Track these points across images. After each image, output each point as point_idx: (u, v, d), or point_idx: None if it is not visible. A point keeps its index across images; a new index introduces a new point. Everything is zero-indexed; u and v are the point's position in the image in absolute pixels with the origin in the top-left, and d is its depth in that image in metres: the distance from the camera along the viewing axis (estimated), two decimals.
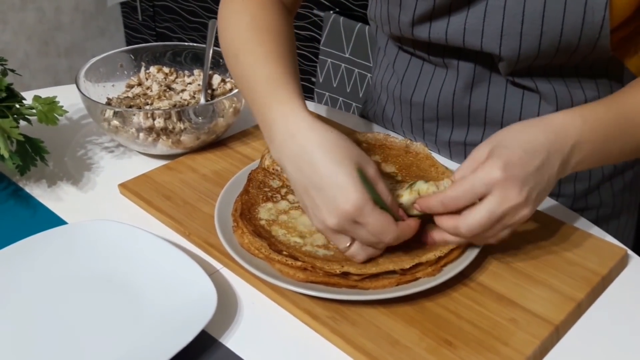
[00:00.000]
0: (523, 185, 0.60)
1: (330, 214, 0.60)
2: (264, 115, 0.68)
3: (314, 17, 2.05)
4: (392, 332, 0.61)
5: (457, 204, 0.61)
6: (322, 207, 0.61)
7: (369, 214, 0.60)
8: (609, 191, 0.91)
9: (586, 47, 0.73)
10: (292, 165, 0.63)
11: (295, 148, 0.63)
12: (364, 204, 0.59)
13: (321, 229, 0.63)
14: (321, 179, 0.61)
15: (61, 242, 0.70)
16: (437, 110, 0.88)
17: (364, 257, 0.64)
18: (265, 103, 0.68)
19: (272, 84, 0.68)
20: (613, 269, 0.68)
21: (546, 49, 0.74)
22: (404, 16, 0.80)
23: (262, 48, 0.72)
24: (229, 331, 0.63)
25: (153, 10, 2.68)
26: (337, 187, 0.60)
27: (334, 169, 0.60)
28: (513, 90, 0.82)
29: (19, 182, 0.85)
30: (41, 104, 0.81)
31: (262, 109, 0.68)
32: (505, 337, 0.60)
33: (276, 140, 0.65)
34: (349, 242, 0.63)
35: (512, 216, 0.61)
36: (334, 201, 0.60)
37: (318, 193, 0.61)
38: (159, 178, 0.83)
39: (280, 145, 0.65)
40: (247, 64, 0.72)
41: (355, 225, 0.61)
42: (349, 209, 0.59)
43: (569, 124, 0.64)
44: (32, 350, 0.59)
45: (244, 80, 0.73)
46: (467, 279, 0.66)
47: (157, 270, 0.67)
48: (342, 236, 0.63)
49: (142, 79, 0.97)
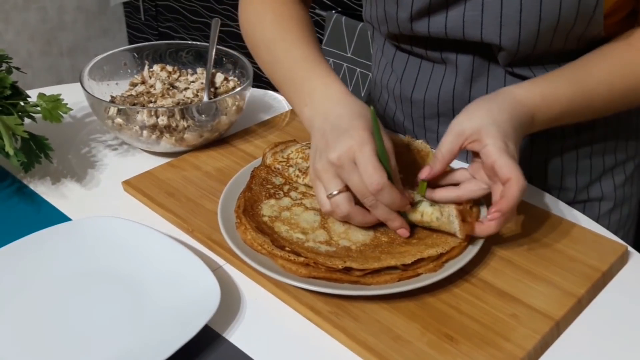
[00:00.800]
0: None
1: (334, 148, 0.64)
2: (302, 87, 0.74)
3: (316, 16, 2.06)
4: (393, 327, 0.61)
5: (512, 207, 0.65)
6: (331, 144, 0.65)
7: (368, 152, 0.63)
8: (611, 184, 0.91)
9: (581, 25, 0.75)
10: (321, 117, 0.70)
11: (329, 106, 0.70)
12: (367, 142, 0.64)
13: (319, 169, 0.66)
14: (340, 120, 0.67)
15: (65, 239, 0.71)
16: (438, 107, 0.88)
17: (345, 210, 0.65)
18: (305, 76, 0.75)
19: (309, 62, 0.76)
20: (613, 265, 0.69)
21: (544, 33, 0.75)
22: (401, 13, 0.80)
23: (292, 35, 0.79)
24: (232, 326, 0.63)
25: (155, 10, 2.68)
26: (352, 126, 0.65)
27: (355, 116, 0.67)
28: (512, 83, 0.82)
29: (23, 179, 0.85)
30: (46, 102, 0.81)
31: (301, 82, 0.75)
32: (506, 332, 0.61)
33: (315, 102, 0.72)
34: (339, 187, 0.65)
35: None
36: (344, 135, 0.65)
37: (333, 132, 0.66)
38: (162, 175, 0.83)
39: (317, 105, 0.71)
40: (280, 49, 0.79)
41: (351, 166, 0.64)
42: (354, 142, 0.64)
43: (530, 98, 0.70)
44: (37, 346, 0.60)
45: (277, 64, 0.79)
46: (469, 275, 0.67)
47: (161, 267, 0.68)
48: (334, 180, 0.65)
49: (145, 77, 0.97)
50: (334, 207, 0.66)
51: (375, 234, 0.70)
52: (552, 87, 0.72)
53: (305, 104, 0.73)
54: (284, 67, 0.78)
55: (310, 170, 0.69)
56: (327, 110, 0.70)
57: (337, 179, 0.65)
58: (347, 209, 0.65)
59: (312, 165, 0.68)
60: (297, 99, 0.75)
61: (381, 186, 0.63)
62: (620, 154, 0.91)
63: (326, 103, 0.71)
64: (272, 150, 0.80)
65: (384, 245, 0.68)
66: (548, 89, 0.72)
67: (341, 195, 0.65)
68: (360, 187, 0.64)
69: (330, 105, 0.70)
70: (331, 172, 0.65)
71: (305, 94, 0.74)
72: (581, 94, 0.73)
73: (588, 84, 0.73)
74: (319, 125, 0.69)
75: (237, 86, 0.96)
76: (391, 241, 0.69)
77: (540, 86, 0.72)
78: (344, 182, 0.65)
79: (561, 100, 0.72)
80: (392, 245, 0.68)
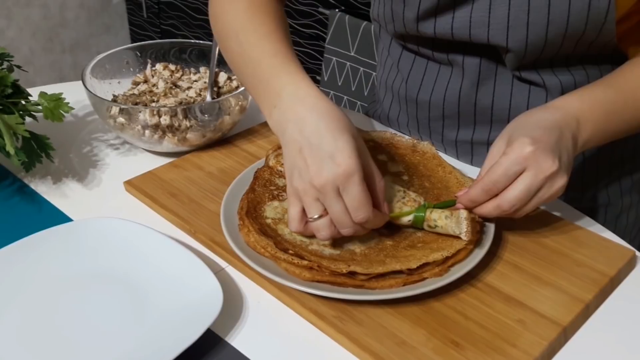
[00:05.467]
0: (554, 155, 0.64)
1: (318, 173, 0.60)
2: (269, 84, 0.68)
3: (319, 15, 2.04)
4: (398, 332, 0.60)
5: (498, 187, 0.64)
6: (312, 166, 0.61)
7: (356, 183, 0.60)
8: (617, 190, 0.90)
9: (592, 32, 0.73)
10: (294, 126, 0.63)
11: (301, 111, 0.64)
12: (355, 172, 0.60)
13: (300, 189, 0.62)
14: (321, 140, 0.61)
15: (66, 239, 0.70)
16: (443, 109, 0.87)
17: (327, 235, 0.63)
18: (273, 73, 0.68)
19: (279, 58, 0.69)
20: (621, 270, 0.68)
21: (553, 38, 0.74)
22: (408, 12, 0.79)
23: (265, 27, 0.73)
24: (234, 330, 0.62)
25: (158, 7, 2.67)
26: (336, 149, 0.60)
27: (336, 135, 0.61)
28: (519, 87, 0.82)
29: (24, 178, 0.84)
30: (47, 101, 0.81)
31: (268, 79, 0.69)
32: (513, 338, 0.60)
33: (282, 104, 0.66)
34: (319, 212, 0.62)
35: (549, 187, 0.64)
36: (328, 161, 0.60)
37: (313, 152, 0.61)
38: (164, 175, 0.83)
39: (286, 109, 0.65)
40: (250, 42, 0.73)
41: (335, 195, 0.61)
42: (340, 171, 0.60)
43: (569, 104, 0.69)
44: (37, 347, 0.59)
45: (244, 56, 0.73)
46: (475, 280, 0.66)
47: (162, 268, 0.67)
48: (316, 203, 0.62)
49: (148, 76, 0.97)
50: (314, 230, 0.64)
51: (380, 237, 0.69)
52: (587, 91, 0.71)
53: (274, 105, 0.67)
54: (251, 61, 0.72)
55: (288, 184, 0.64)
56: (300, 118, 0.63)
57: (317, 202, 0.62)
58: (328, 233, 0.63)
59: (290, 181, 0.63)
60: (265, 98, 0.69)
61: (367, 219, 0.62)
62: (627, 160, 0.90)
63: (297, 107, 0.64)
64: (275, 152, 0.79)
65: (389, 248, 0.67)
66: (585, 93, 0.71)
67: (322, 221, 0.62)
68: (341, 218, 0.62)
69: (302, 111, 0.64)
70: (311, 196, 0.62)
71: (274, 93, 0.67)
72: (623, 98, 0.71)
73: (628, 87, 0.72)
74: (293, 137, 0.63)
75: (240, 86, 0.95)
76: (396, 244, 0.68)
77: (575, 93, 0.71)
78: (324, 206, 0.62)
79: (603, 102, 0.70)
80: (396, 248, 0.67)
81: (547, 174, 0.63)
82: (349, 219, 0.61)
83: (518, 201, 0.64)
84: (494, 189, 0.65)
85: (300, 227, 0.64)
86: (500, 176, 0.64)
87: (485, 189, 0.65)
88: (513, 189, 0.64)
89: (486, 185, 0.65)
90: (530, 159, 0.63)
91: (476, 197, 0.66)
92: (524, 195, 0.64)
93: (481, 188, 0.65)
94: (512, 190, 0.64)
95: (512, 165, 0.64)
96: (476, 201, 0.66)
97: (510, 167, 0.64)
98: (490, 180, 0.65)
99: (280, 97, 0.66)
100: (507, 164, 0.64)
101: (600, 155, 0.87)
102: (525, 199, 0.64)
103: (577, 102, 0.69)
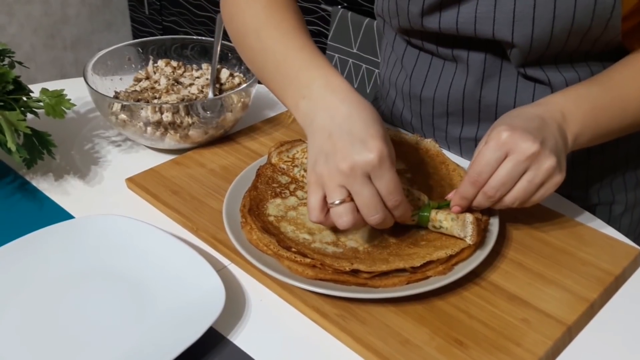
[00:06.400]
0: (533, 137, 0.63)
1: (348, 157, 0.59)
2: (298, 77, 0.67)
3: (322, 11, 2.04)
4: (402, 331, 0.60)
5: (483, 177, 0.65)
6: (341, 150, 0.60)
7: (390, 168, 0.60)
8: (622, 187, 0.90)
9: (598, 28, 0.73)
10: (325, 114, 0.63)
11: (333, 101, 0.63)
12: (388, 157, 0.60)
13: (324, 174, 0.61)
14: (353, 125, 0.61)
15: (68, 237, 0.70)
16: (448, 106, 0.87)
17: (349, 221, 0.61)
18: (302, 66, 0.68)
19: (307, 52, 0.69)
20: (626, 268, 0.67)
21: (559, 33, 0.73)
22: (413, 7, 0.79)
23: (286, 23, 0.73)
24: (236, 328, 0.62)
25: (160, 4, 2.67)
26: (369, 135, 0.60)
27: (369, 122, 0.61)
28: (524, 84, 0.81)
29: (25, 175, 0.84)
30: (49, 97, 0.80)
31: (296, 71, 0.68)
32: (517, 337, 0.59)
33: (313, 94, 0.65)
34: (343, 196, 0.61)
35: (536, 169, 0.63)
36: (359, 145, 0.59)
37: (343, 137, 0.60)
38: (166, 173, 0.82)
39: (317, 99, 0.65)
40: (273, 37, 0.72)
41: (364, 180, 0.60)
42: (372, 157, 0.59)
43: (552, 99, 0.70)
44: (39, 345, 0.59)
45: (266, 52, 0.72)
46: (479, 278, 0.66)
47: (165, 266, 0.67)
48: (340, 189, 0.61)
49: (150, 72, 0.96)
50: (335, 216, 0.61)
51: (383, 234, 0.68)
52: (571, 88, 0.71)
53: (303, 96, 0.66)
54: (276, 57, 0.71)
55: (309, 172, 0.63)
56: (332, 107, 0.63)
57: (341, 188, 0.60)
58: (351, 219, 0.61)
59: (314, 168, 0.62)
60: (292, 91, 0.68)
61: (399, 203, 0.62)
62: (632, 158, 0.89)
63: (328, 97, 0.64)
64: (278, 150, 0.79)
65: (392, 246, 0.67)
66: (568, 90, 0.71)
67: (345, 206, 0.61)
68: (369, 202, 0.60)
69: (334, 101, 0.63)
70: (336, 180, 0.60)
71: (302, 86, 0.66)
72: (609, 94, 0.71)
73: (613, 84, 0.72)
74: (323, 124, 0.62)
75: (242, 82, 0.94)
76: (399, 242, 0.68)
77: (559, 91, 0.71)
78: (349, 192, 0.61)
79: (587, 97, 0.70)
80: (400, 246, 0.67)
81: (528, 154, 0.62)
82: (379, 203, 0.61)
83: (501, 185, 0.64)
84: (480, 180, 0.65)
85: (322, 216, 0.62)
86: (483, 166, 0.64)
87: (471, 181, 0.65)
88: (495, 174, 0.64)
89: (471, 177, 0.65)
90: (509, 143, 0.63)
91: (465, 193, 0.66)
92: (507, 178, 0.63)
93: (467, 182, 0.65)
94: (494, 176, 0.64)
95: (491, 153, 0.64)
96: (467, 197, 0.66)
97: (490, 155, 0.64)
98: (475, 172, 0.65)
99: (310, 89, 0.65)
100: (487, 152, 0.64)
101: (604, 153, 0.87)
102: (509, 182, 0.64)
103: (561, 98, 0.69)
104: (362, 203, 0.61)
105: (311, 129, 0.64)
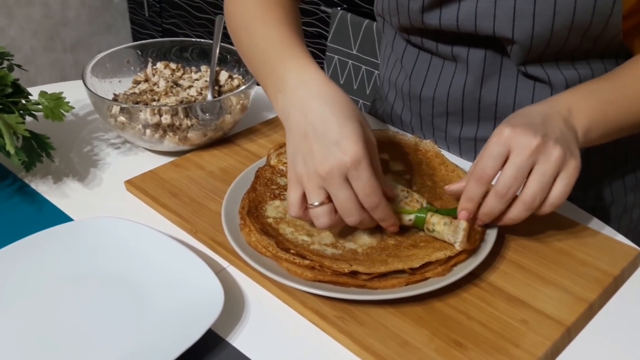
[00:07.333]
0: (534, 131, 0.62)
1: (324, 161, 0.60)
2: (275, 71, 0.67)
3: (321, 13, 2.04)
4: (401, 332, 0.60)
5: (488, 173, 0.64)
6: (318, 153, 0.60)
7: (365, 170, 0.60)
8: (621, 188, 0.90)
9: (598, 25, 0.73)
10: (298, 111, 0.63)
11: (307, 96, 0.63)
12: (362, 159, 0.59)
13: (303, 175, 0.61)
14: (326, 126, 0.60)
15: (67, 239, 0.70)
16: (447, 105, 0.87)
17: (326, 222, 0.62)
18: (279, 58, 0.68)
19: (285, 45, 0.69)
20: (625, 269, 0.67)
21: (559, 30, 0.73)
22: (413, 4, 0.79)
23: (273, 16, 0.73)
24: (235, 330, 0.62)
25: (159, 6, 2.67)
26: (343, 135, 0.60)
27: (342, 121, 0.61)
28: (524, 83, 0.81)
29: (24, 178, 0.84)
30: (47, 100, 0.80)
31: (274, 65, 0.68)
32: (516, 338, 0.59)
33: (287, 89, 0.65)
34: (321, 199, 0.61)
35: (545, 161, 0.62)
36: (334, 148, 0.59)
37: (318, 138, 0.60)
38: (165, 175, 0.82)
39: (290, 94, 0.64)
40: (258, 32, 0.73)
41: (341, 183, 0.60)
42: (347, 159, 0.59)
43: (559, 97, 0.69)
44: (38, 347, 0.59)
45: (253, 47, 0.73)
46: (478, 279, 0.66)
47: (163, 268, 0.67)
48: (319, 190, 0.61)
49: (149, 75, 0.96)
50: (313, 217, 0.63)
51: (382, 236, 0.69)
52: (580, 85, 0.71)
53: (279, 90, 0.66)
54: (258, 51, 0.72)
55: (290, 168, 0.63)
56: (305, 104, 0.63)
57: (320, 189, 0.61)
58: (328, 220, 0.62)
59: (293, 166, 0.63)
60: (271, 84, 0.68)
61: (377, 204, 0.61)
62: (631, 159, 0.89)
63: (302, 92, 0.63)
64: (277, 152, 0.79)
65: (391, 248, 0.67)
66: (577, 86, 0.70)
67: (323, 208, 0.62)
68: (347, 205, 0.61)
69: (307, 97, 0.63)
70: (315, 182, 0.61)
71: (278, 78, 0.66)
72: (619, 90, 0.70)
73: (623, 82, 0.71)
74: (298, 122, 0.62)
75: (241, 84, 0.94)
76: (398, 244, 0.68)
77: (567, 89, 0.71)
78: (327, 193, 0.62)
79: (596, 92, 0.69)
80: (399, 248, 0.67)
81: (531, 147, 0.62)
82: (356, 205, 0.61)
83: (513, 180, 0.62)
84: (484, 176, 0.64)
85: (300, 212, 0.63)
86: (487, 160, 0.64)
87: (476, 178, 0.64)
88: (503, 172, 0.63)
89: (476, 174, 0.64)
90: (511, 139, 0.63)
91: (471, 193, 0.65)
92: (516, 173, 0.62)
93: (472, 180, 0.65)
94: (502, 173, 0.63)
95: (494, 148, 0.63)
96: (473, 197, 0.65)
97: (492, 150, 0.63)
98: (479, 168, 0.64)
99: (285, 82, 0.65)
100: (490, 148, 0.64)
101: (604, 153, 0.87)
102: (519, 177, 0.62)
103: (569, 95, 0.69)
104: (339, 205, 0.61)
105: (287, 125, 0.64)
